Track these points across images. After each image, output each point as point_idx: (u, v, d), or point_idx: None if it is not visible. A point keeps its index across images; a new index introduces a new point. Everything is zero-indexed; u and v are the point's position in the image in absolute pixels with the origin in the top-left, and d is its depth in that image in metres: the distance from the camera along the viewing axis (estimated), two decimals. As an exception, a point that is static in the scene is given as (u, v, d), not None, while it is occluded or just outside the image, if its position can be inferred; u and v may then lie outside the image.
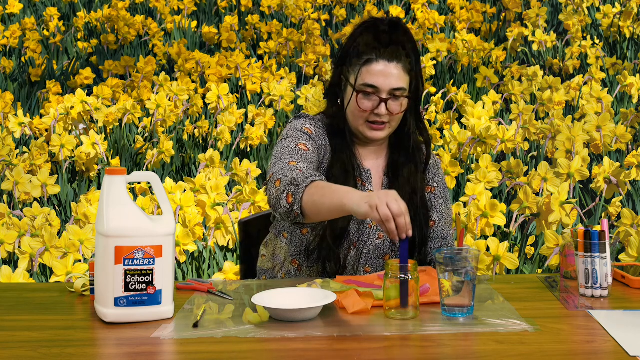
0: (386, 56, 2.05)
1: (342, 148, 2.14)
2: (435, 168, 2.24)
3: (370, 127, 2.10)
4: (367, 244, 2.14)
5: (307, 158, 2.04)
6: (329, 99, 2.18)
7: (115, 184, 1.74)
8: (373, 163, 2.19)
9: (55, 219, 3.67)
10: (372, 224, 2.14)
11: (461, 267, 1.69)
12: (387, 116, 2.08)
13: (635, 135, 5.71)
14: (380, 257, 2.15)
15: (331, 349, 1.56)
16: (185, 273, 3.74)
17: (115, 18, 9.09)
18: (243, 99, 7.17)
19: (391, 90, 2.06)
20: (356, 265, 2.14)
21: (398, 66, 2.06)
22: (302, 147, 2.05)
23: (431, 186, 2.22)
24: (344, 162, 2.12)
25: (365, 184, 2.15)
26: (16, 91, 7.79)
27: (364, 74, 2.06)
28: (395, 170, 2.17)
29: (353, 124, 2.13)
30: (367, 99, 2.07)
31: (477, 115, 5.47)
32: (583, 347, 1.55)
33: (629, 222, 3.28)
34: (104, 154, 5.34)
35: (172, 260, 1.76)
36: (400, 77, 2.06)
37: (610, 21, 8.38)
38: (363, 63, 2.06)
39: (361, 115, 2.09)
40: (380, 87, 2.05)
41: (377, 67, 2.05)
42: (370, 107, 2.07)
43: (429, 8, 9.18)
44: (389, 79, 2.05)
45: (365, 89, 2.06)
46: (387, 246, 2.14)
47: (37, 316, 1.82)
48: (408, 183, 2.15)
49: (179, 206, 3.63)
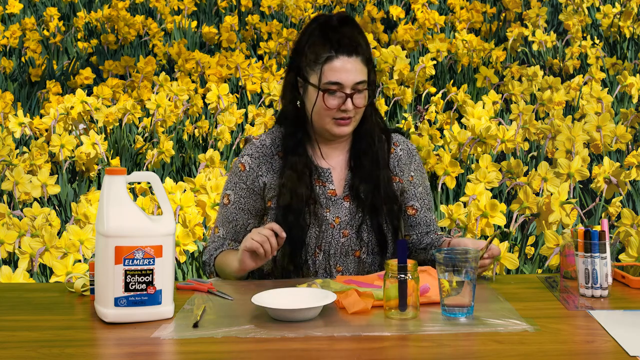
0: (344, 51, 2.07)
1: (294, 155, 2.15)
2: (410, 156, 2.24)
3: (337, 123, 2.11)
4: (333, 245, 2.14)
5: (227, 217, 2.20)
6: (286, 103, 2.18)
7: (115, 184, 1.74)
8: (337, 160, 2.19)
9: (55, 219, 3.66)
10: (334, 224, 2.14)
11: (461, 267, 1.69)
12: (353, 111, 2.10)
13: (635, 135, 5.71)
14: (349, 255, 2.15)
15: (331, 349, 1.56)
16: (185, 273, 3.74)
17: (115, 18, 9.09)
18: (243, 99, 7.17)
19: (354, 84, 2.08)
20: (327, 267, 2.15)
21: (357, 59, 2.08)
22: (225, 202, 2.21)
23: (408, 175, 2.22)
24: (297, 169, 2.13)
25: (325, 183, 2.16)
26: (16, 91, 7.79)
27: (326, 72, 2.07)
28: (358, 164, 2.17)
29: (319, 124, 2.13)
30: (332, 97, 2.08)
31: (477, 115, 5.47)
32: (583, 347, 1.55)
33: (629, 222, 3.28)
34: (104, 154, 5.34)
35: (172, 260, 1.76)
36: (361, 70, 2.09)
37: (610, 21, 8.38)
38: (323, 62, 2.07)
39: (327, 114, 2.10)
40: (344, 83, 2.07)
41: (338, 64, 2.07)
42: (336, 104, 2.08)
43: (429, 8, 9.18)
44: (351, 74, 2.07)
45: (330, 87, 2.07)
46: (355, 242, 2.15)
47: (37, 316, 1.82)
48: (370, 175, 2.15)
49: (179, 206, 3.63)
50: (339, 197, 2.16)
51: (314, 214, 2.13)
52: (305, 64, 2.11)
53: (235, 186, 2.20)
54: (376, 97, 2.20)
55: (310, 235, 2.13)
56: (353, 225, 2.14)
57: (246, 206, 2.19)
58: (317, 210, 2.14)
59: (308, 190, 2.13)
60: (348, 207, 2.15)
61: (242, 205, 2.19)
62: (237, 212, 2.19)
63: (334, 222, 2.14)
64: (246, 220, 2.19)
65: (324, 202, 2.15)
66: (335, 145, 2.20)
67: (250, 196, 2.18)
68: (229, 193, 2.20)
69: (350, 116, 2.10)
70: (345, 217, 2.15)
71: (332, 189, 2.16)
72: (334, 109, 2.09)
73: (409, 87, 6.88)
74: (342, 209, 2.15)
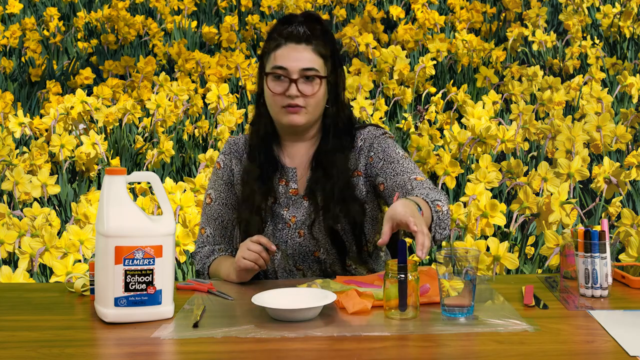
0: (294, 39, 2.08)
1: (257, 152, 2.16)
2: (370, 142, 2.15)
3: (286, 111, 2.09)
4: (290, 244, 2.14)
5: (212, 215, 2.23)
6: (258, 102, 2.19)
7: (115, 184, 1.74)
8: (302, 160, 2.18)
9: (55, 219, 3.66)
10: (290, 223, 2.14)
11: (461, 267, 1.69)
12: (302, 99, 2.07)
13: (635, 135, 5.71)
14: (308, 255, 2.15)
15: (331, 349, 1.56)
16: (185, 273, 3.74)
17: (115, 18, 9.09)
18: (243, 99, 7.17)
19: (301, 70, 2.06)
20: (287, 267, 2.16)
21: (307, 48, 2.08)
22: (208, 202, 2.24)
23: (367, 159, 2.14)
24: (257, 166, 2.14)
25: (288, 182, 2.16)
26: (16, 91, 7.79)
27: (272, 58, 2.09)
28: (318, 163, 2.15)
29: (273, 115, 2.13)
30: (277, 82, 2.08)
31: (477, 115, 5.47)
32: (583, 347, 1.55)
33: (629, 222, 3.28)
34: (104, 154, 5.34)
35: (172, 260, 1.76)
36: (311, 59, 2.08)
37: (610, 21, 8.38)
38: (273, 49, 2.09)
39: (275, 101, 2.09)
40: (289, 68, 2.06)
41: (285, 50, 2.08)
42: (280, 89, 2.07)
43: (429, 8, 9.18)
44: (298, 61, 2.06)
45: (275, 71, 2.08)
46: (312, 243, 2.13)
47: (37, 316, 1.82)
48: (326, 175, 2.12)
49: (179, 206, 3.63)
50: (299, 196, 2.15)
51: (271, 211, 2.14)
52: (264, 59, 2.13)
53: (214, 184, 2.24)
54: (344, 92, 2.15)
55: (267, 233, 2.14)
56: (308, 225, 2.14)
57: (228, 201, 2.22)
58: (275, 208, 2.14)
59: (268, 187, 2.13)
60: (307, 207, 2.14)
61: (223, 200, 2.22)
62: (220, 207, 2.22)
63: (290, 221, 2.14)
64: (230, 215, 2.22)
65: (284, 201, 2.15)
66: (301, 144, 2.18)
67: (229, 190, 2.22)
68: (210, 192, 2.25)
69: (299, 104, 2.07)
70: (301, 216, 2.14)
71: (295, 188, 2.16)
72: (280, 95, 2.07)
73: (409, 87, 6.88)
74: (301, 208, 2.14)
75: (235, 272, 2.05)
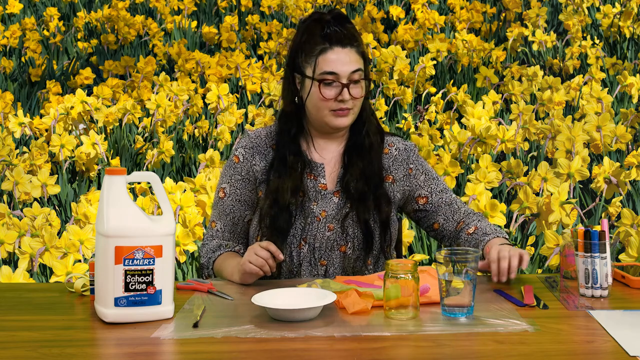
0: (338, 43, 2.10)
1: (286, 148, 2.17)
2: (406, 153, 2.24)
3: (335, 114, 2.12)
4: (318, 238, 2.14)
5: (224, 210, 2.21)
6: (285, 101, 2.20)
7: (115, 184, 1.74)
8: (331, 155, 2.20)
9: (55, 219, 3.66)
10: (320, 217, 2.14)
11: (461, 267, 1.69)
12: (351, 102, 2.11)
13: (635, 135, 5.71)
14: (334, 250, 2.15)
15: (331, 349, 1.56)
16: (185, 273, 3.74)
17: (115, 18, 9.09)
18: (243, 99, 7.17)
19: (350, 74, 2.10)
20: (312, 260, 2.15)
21: (352, 50, 2.11)
22: (221, 196, 2.22)
23: (406, 170, 2.22)
24: (287, 161, 2.15)
25: (317, 177, 2.17)
26: (16, 91, 7.79)
27: (321, 63, 2.10)
28: (351, 159, 2.18)
29: (317, 117, 2.14)
30: (329, 88, 2.10)
31: (477, 115, 5.47)
32: (583, 347, 1.55)
33: (629, 222, 3.28)
34: (104, 154, 5.34)
35: (172, 260, 1.76)
36: (356, 60, 2.12)
37: (610, 21, 8.38)
38: (318, 53, 2.10)
39: (325, 105, 2.11)
40: (339, 73, 2.09)
41: (333, 54, 2.10)
42: (333, 95, 2.10)
43: (429, 8, 9.18)
44: (346, 64, 2.10)
45: (326, 77, 2.09)
46: (340, 237, 2.15)
47: (37, 316, 1.82)
48: (361, 171, 2.16)
49: (179, 206, 3.63)
50: (329, 191, 2.16)
51: (301, 206, 2.14)
52: (301, 60, 2.13)
53: (230, 178, 2.21)
54: (373, 94, 2.21)
55: (296, 227, 2.14)
56: (339, 219, 2.14)
57: (242, 197, 2.20)
58: (304, 202, 2.14)
59: (297, 182, 2.14)
60: (336, 202, 2.16)
61: (238, 197, 2.20)
62: (233, 204, 2.20)
63: (320, 215, 2.14)
64: (243, 212, 2.20)
65: (313, 195, 2.16)
66: (332, 140, 2.20)
67: (246, 187, 2.20)
68: (224, 186, 2.21)
69: (349, 107, 2.12)
70: (332, 210, 2.15)
71: (324, 183, 2.17)
72: (331, 100, 2.10)
73: (409, 87, 6.88)
74: (331, 203, 2.16)
75: (239, 274, 2.04)
